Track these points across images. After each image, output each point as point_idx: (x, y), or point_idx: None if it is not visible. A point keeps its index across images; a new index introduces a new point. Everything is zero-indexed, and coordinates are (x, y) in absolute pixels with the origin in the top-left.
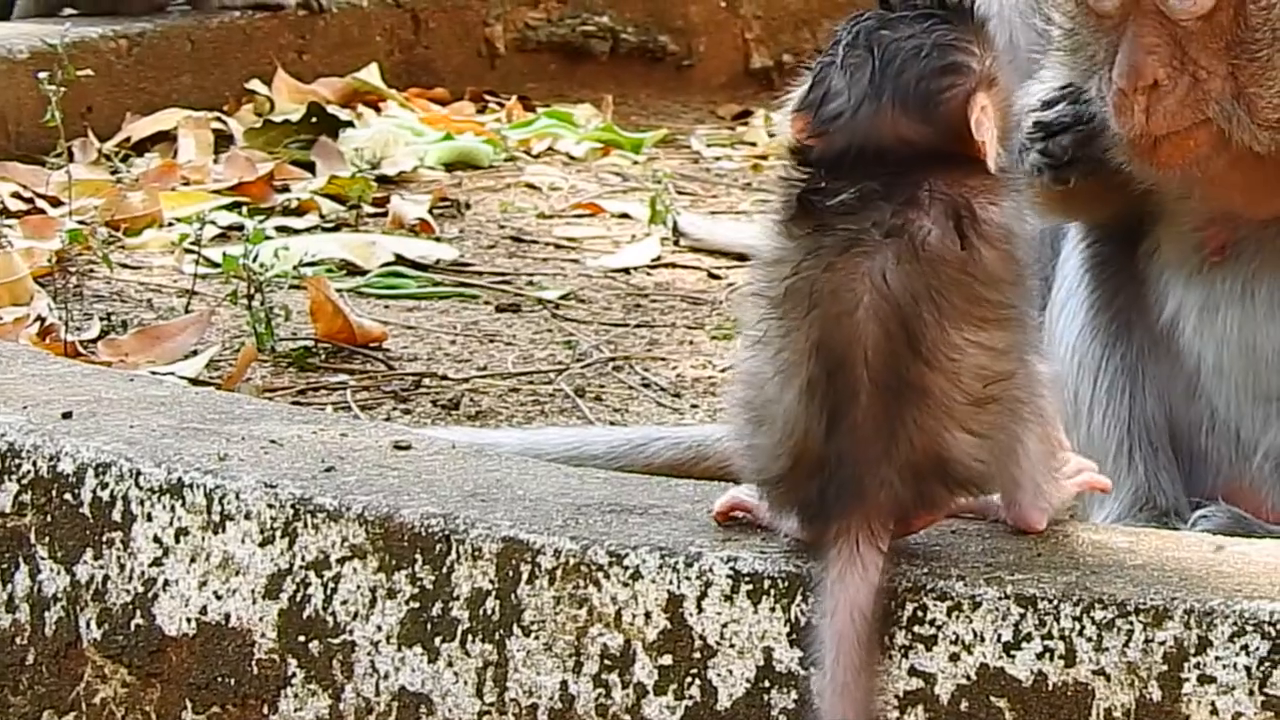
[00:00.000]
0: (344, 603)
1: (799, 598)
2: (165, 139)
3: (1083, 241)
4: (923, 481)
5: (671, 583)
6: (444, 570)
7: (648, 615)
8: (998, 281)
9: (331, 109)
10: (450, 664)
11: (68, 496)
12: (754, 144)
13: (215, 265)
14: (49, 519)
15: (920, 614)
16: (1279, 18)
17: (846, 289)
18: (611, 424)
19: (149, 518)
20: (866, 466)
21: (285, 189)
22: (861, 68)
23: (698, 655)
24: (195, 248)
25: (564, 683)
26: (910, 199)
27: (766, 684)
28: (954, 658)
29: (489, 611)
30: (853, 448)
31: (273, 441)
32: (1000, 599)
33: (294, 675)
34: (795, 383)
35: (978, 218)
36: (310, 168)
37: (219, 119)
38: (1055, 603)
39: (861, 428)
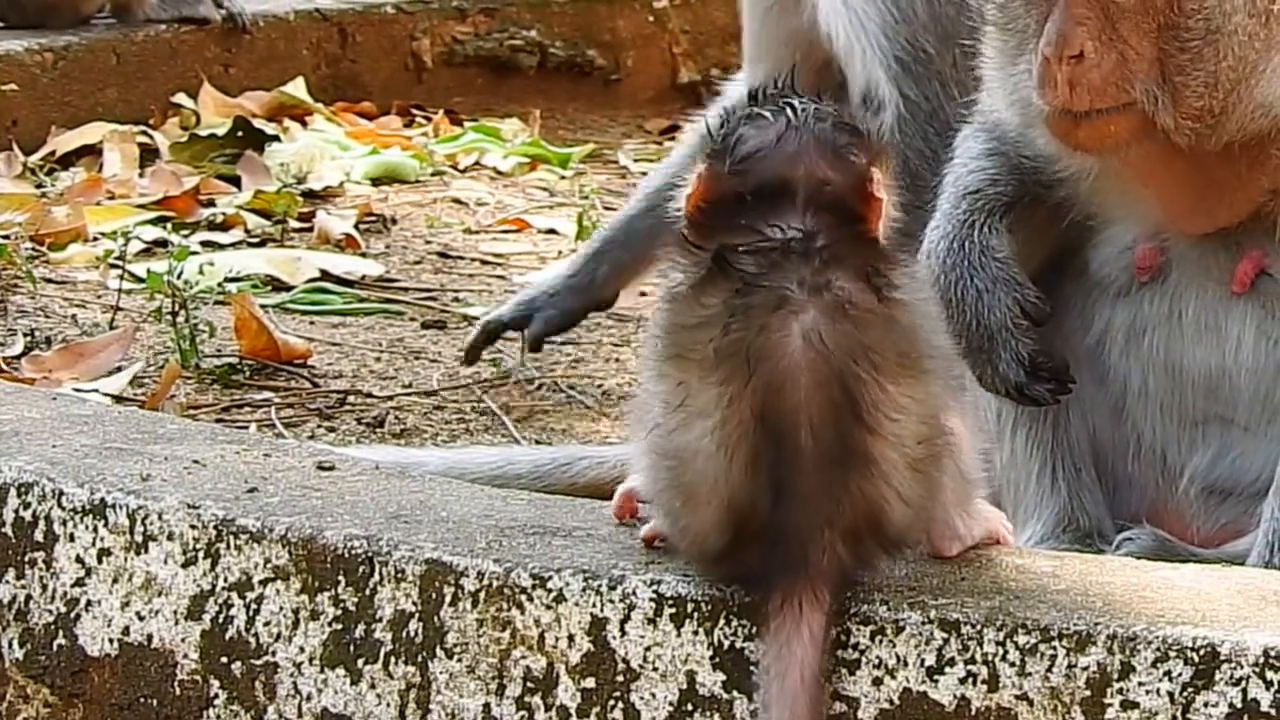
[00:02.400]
0: (266, 624)
1: (722, 621)
2: (90, 153)
3: None
4: (860, 543)
5: (595, 606)
6: (367, 592)
7: (571, 638)
8: (916, 332)
9: (257, 123)
10: (373, 686)
11: None
12: None
13: (140, 280)
14: None
15: (844, 638)
16: (1214, 10)
17: (782, 353)
18: (537, 442)
19: (71, 538)
20: (811, 534)
21: (211, 203)
22: (774, 119)
23: (621, 678)
24: (120, 263)
25: (487, 705)
26: (827, 255)
27: (690, 707)
28: (877, 682)
29: (412, 634)
30: (799, 517)
31: (196, 462)
32: (924, 624)
33: (216, 696)
34: (740, 456)
35: (884, 273)
36: (236, 182)
37: (144, 133)
38: (978, 627)
39: (807, 497)
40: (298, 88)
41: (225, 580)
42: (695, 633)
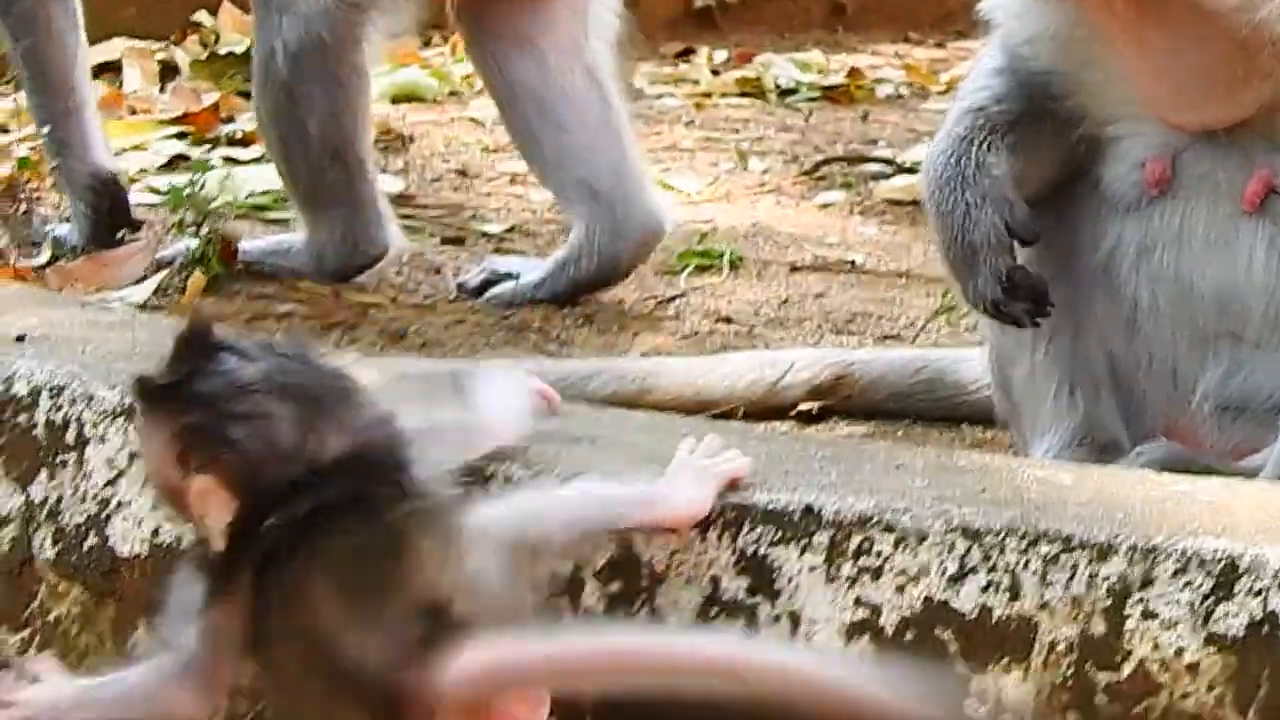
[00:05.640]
0: None
1: (746, 528)
2: (111, 69)
3: None
4: None
5: None
6: None
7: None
8: None
9: None
10: None
11: (21, 419)
12: (696, 81)
13: (162, 194)
14: (3, 440)
15: (867, 546)
16: None
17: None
18: (554, 356)
19: (102, 440)
20: None
21: (230, 120)
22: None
23: (645, 583)
24: (142, 176)
25: None
26: None
27: (714, 611)
28: (900, 589)
29: None
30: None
31: None
32: (946, 532)
33: None
34: None
35: None
36: None
37: (165, 50)
38: (1000, 537)
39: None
40: None
41: None
42: (719, 539)
